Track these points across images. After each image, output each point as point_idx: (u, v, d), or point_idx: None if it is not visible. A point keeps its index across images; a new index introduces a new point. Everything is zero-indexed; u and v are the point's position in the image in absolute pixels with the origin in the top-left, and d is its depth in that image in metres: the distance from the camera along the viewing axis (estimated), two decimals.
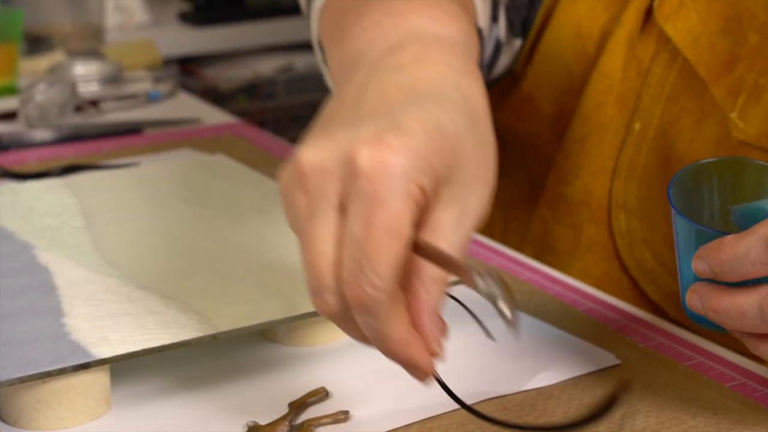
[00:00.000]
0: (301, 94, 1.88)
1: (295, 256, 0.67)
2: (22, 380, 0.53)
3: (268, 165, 0.90)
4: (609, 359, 0.60)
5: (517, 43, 0.76)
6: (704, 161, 0.56)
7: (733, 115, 0.65)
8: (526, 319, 0.65)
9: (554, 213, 0.75)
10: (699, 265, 0.52)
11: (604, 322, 0.65)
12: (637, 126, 0.70)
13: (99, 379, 0.55)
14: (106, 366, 0.55)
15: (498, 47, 0.75)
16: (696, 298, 0.52)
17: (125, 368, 0.59)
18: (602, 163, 0.72)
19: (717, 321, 0.52)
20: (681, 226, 0.54)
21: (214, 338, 0.57)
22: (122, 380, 0.58)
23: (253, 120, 1.83)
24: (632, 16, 0.69)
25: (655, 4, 0.68)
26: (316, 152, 0.46)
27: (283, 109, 1.89)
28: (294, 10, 1.86)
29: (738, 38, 0.65)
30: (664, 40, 0.68)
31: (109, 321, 0.58)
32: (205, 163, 0.83)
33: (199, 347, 0.61)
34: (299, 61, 1.89)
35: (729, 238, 0.51)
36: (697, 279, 0.53)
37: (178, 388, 0.58)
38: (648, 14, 0.70)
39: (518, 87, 0.78)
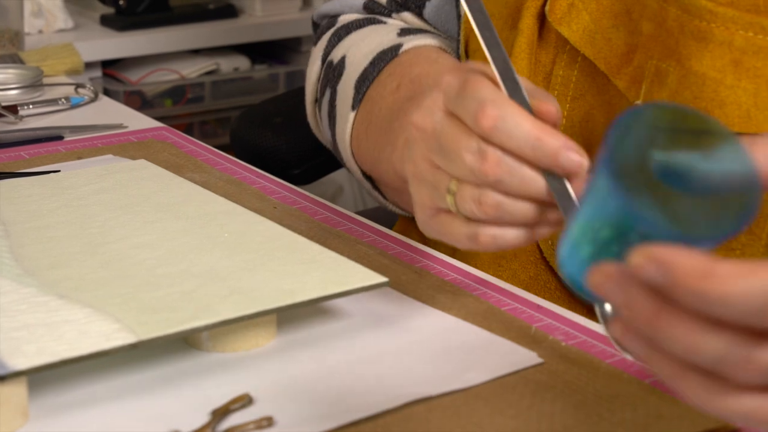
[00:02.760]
0: (228, 98, 1.87)
1: (217, 261, 0.66)
2: None
3: (194, 169, 0.89)
4: (532, 358, 0.61)
5: None
6: (644, 106, 0.44)
7: (639, 102, 0.66)
8: (450, 320, 0.65)
9: None
10: (652, 270, 0.39)
11: (528, 321, 0.65)
12: None
13: (15, 391, 0.54)
14: (23, 378, 0.54)
15: None
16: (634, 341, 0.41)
17: (43, 379, 0.58)
18: None
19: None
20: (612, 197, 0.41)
21: (134, 347, 0.57)
22: (40, 392, 0.57)
23: (180, 124, 1.82)
24: (529, 23, 0.71)
25: (547, 8, 0.70)
26: None
27: (210, 113, 1.87)
28: (218, 14, 1.85)
29: (631, 29, 0.67)
30: (562, 42, 0.70)
31: (26, 332, 0.57)
32: (127, 168, 0.82)
33: (120, 356, 0.60)
34: (225, 65, 1.87)
35: (722, 268, 0.38)
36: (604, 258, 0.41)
37: (98, 399, 0.57)
38: (543, 20, 0.71)
39: None
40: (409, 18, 0.85)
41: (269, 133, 1.25)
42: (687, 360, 0.40)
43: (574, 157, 0.54)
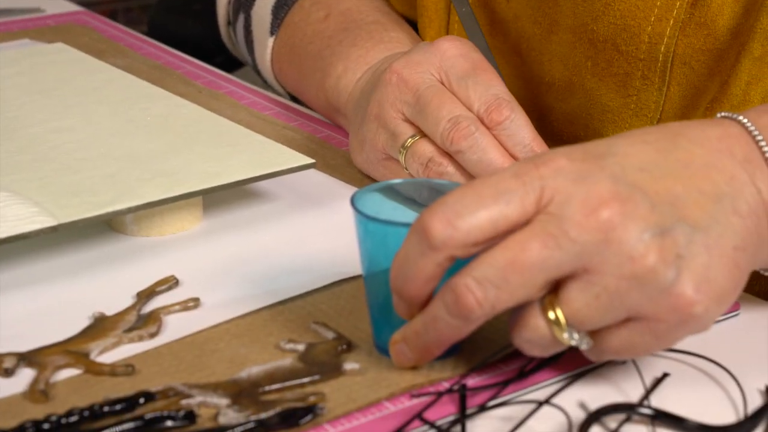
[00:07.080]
0: None
1: (139, 145, 0.65)
2: None
3: (115, 54, 0.86)
4: None
5: None
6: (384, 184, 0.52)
7: None
8: None
9: None
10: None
11: None
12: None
13: None
14: None
15: None
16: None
17: None
18: None
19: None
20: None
21: (54, 230, 0.55)
22: None
23: (104, 10, 1.76)
24: None
25: None
26: None
27: None
28: None
29: None
30: None
31: None
32: (44, 51, 0.79)
33: (41, 240, 0.59)
34: None
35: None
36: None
37: (20, 283, 0.56)
38: None
39: None
40: None
41: (189, 21, 1.22)
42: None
43: None
